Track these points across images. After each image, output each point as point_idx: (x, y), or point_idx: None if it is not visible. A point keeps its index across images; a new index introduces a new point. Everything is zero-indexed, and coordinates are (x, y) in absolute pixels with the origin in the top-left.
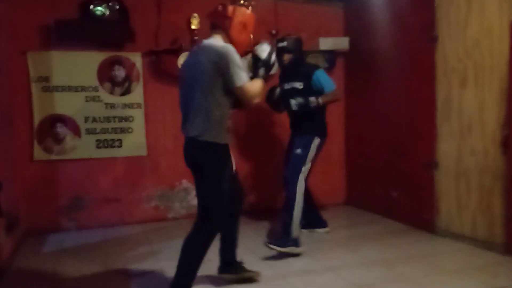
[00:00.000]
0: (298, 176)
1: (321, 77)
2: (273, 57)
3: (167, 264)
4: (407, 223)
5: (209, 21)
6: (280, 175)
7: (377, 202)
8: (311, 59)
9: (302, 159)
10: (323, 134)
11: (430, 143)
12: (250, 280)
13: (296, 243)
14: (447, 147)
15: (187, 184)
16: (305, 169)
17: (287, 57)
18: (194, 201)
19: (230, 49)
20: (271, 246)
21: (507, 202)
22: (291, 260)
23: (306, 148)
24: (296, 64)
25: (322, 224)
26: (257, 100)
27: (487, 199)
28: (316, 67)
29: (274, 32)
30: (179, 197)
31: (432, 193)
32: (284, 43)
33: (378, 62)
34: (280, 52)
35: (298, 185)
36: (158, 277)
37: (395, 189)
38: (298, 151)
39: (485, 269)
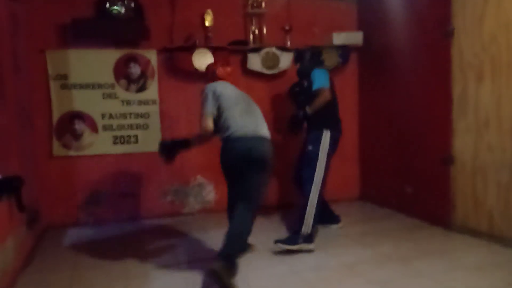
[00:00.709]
0: (313, 173)
1: (316, 75)
2: None
3: (184, 258)
4: (422, 219)
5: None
6: (292, 171)
7: (392, 197)
8: (324, 55)
9: (314, 155)
10: (333, 128)
11: (446, 139)
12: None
13: (307, 239)
14: (463, 143)
15: (202, 179)
16: (319, 166)
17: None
18: (209, 196)
19: (207, 87)
20: (280, 245)
21: None
22: (305, 256)
23: (317, 144)
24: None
25: (335, 219)
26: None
27: (504, 195)
28: (318, 66)
29: (287, 28)
30: (194, 192)
31: (448, 188)
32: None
33: (393, 57)
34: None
35: (313, 183)
36: (176, 271)
37: (410, 184)
38: (310, 147)
39: (503, 266)
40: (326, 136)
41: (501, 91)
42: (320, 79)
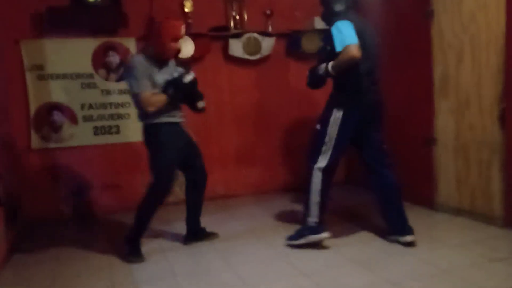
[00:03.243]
0: (316, 158)
1: (335, 30)
2: (186, 82)
3: (168, 247)
4: (406, 199)
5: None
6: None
7: None
8: (306, 39)
9: (320, 137)
10: (346, 104)
11: (428, 120)
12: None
13: (313, 230)
14: (445, 123)
15: None
16: (325, 150)
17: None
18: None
19: (133, 60)
20: (287, 242)
21: (505, 176)
22: (305, 250)
23: (325, 124)
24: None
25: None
26: (149, 109)
27: (485, 173)
28: (341, 14)
29: (268, 12)
30: (179, 181)
31: (431, 169)
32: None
33: None
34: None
35: (315, 169)
36: (159, 261)
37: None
38: (317, 126)
39: (485, 242)
40: (335, 116)
41: (481, 70)
42: (340, 36)
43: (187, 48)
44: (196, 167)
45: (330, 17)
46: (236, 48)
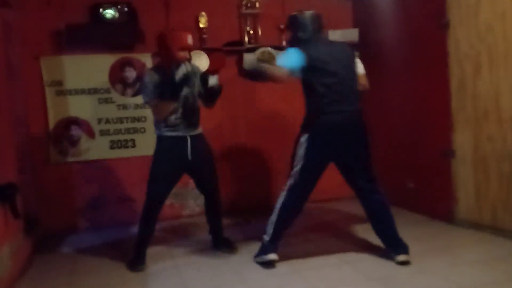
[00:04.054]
0: (288, 180)
1: (285, 53)
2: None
3: (183, 261)
4: (425, 214)
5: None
6: None
7: (393, 193)
8: None
9: (292, 159)
10: (310, 128)
11: (445, 132)
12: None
13: (263, 250)
14: (463, 135)
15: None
16: (294, 172)
17: None
18: None
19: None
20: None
21: None
22: (307, 254)
23: (296, 146)
24: None
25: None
26: (158, 117)
27: (506, 186)
28: (299, 44)
29: (282, 27)
30: (193, 194)
31: (449, 182)
32: None
33: (389, 52)
34: None
35: (281, 196)
36: (175, 275)
37: (411, 179)
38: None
39: (508, 259)
40: (302, 140)
41: (499, 81)
42: (284, 57)
43: (202, 62)
44: (204, 184)
45: (293, 43)
46: (250, 62)
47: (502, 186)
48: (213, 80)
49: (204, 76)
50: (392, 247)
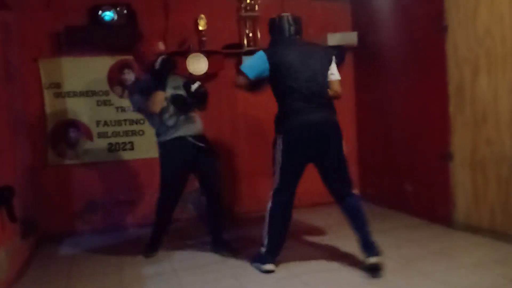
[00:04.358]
0: (273, 187)
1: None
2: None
3: (181, 265)
4: (423, 217)
5: None
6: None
7: (392, 196)
8: None
9: (272, 163)
10: (282, 129)
11: (444, 135)
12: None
13: (260, 259)
14: (461, 138)
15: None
16: (275, 177)
17: None
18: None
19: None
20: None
21: None
22: (305, 258)
23: (273, 150)
24: None
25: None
26: (154, 109)
27: (505, 189)
28: (270, 47)
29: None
30: (192, 198)
31: (447, 185)
32: None
33: (388, 55)
34: None
35: (268, 204)
36: (173, 279)
37: (409, 183)
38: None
39: (506, 262)
40: (278, 142)
41: (497, 84)
42: (247, 61)
43: (201, 65)
44: (207, 184)
45: (270, 45)
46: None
47: (501, 189)
48: (195, 85)
49: (185, 84)
50: (364, 250)
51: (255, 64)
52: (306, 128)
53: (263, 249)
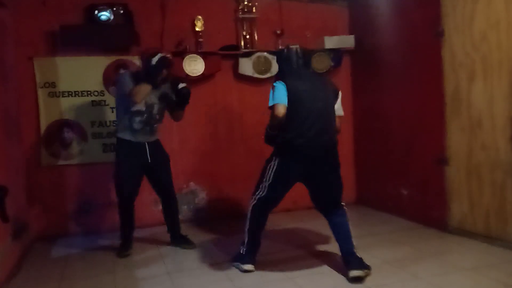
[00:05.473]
0: (254, 194)
1: (271, 89)
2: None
3: (175, 267)
4: (418, 221)
5: None
6: None
7: (388, 200)
8: (316, 58)
9: (262, 174)
10: (281, 155)
11: (439, 139)
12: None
13: (241, 259)
14: (457, 143)
15: (195, 186)
16: (263, 187)
17: None
18: (201, 204)
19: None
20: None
21: None
22: (300, 261)
23: (267, 164)
24: None
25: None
26: (136, 99)
27: (499, 195)
28: (283, 76)
29: (279, 32)
30: (187, 199)
31: (443, 190)
32: None
33: (385, 59)
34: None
35: (251, 205)
36: (167, 281)
37: (405, 187)
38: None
39: (500, 267)
40: (273, 163)
41: (493, 89)
42: (272, 95)
43: (198, 66)
44: (161, 185)
45: (279, 76)
46: (246, 66)
47: (495, 194)
48: (182, 84)
49: (174, 80)
50: (346, 262)
51: (281, 93)
52: (306, 162)
53: (243, 249)
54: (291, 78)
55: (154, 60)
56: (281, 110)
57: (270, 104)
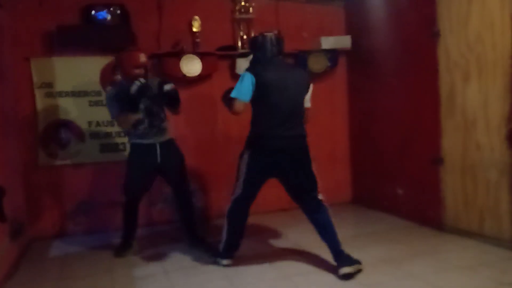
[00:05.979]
0: (233, 190)
1: (240, 79)
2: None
3: (172, 267)
4: (414, 220)
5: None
6: None
7: (384, 200)
8: (313, 59)
9: (237, 171)
10: (252, 148)
11: (434, 139)
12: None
13: (221, 255)
14: (452, 143)
15: (192, 186)
16: (238, 184)
17: None
18: (198, 204)
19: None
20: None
21: None
22: (296, 260)
23: (240, 160)
24: None
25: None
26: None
27: (494, 194)
28: (251, 68)
29: (275, 32)
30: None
31: (438, 189)
32: None
33: (381, 59)
34: None
35: (227, 210)
36: (164, 280)
37: (401, 186)
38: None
39: (494, 265)
40: (244, 157)
41: (488, 89)
42: (237, 86)
43: (195, 66)
44: (175, 185)
45: (252, 64)
46: (243, 67)
47: (490, 194)
48: (167, 86)
49: (159, 83)
50: (335, 260)
51: (246, 87)
52: (276, 153)
53: (222, 246)
54: (263, 67)
55: (133, 89)
56: (239, 108)
57: (233, 95)
